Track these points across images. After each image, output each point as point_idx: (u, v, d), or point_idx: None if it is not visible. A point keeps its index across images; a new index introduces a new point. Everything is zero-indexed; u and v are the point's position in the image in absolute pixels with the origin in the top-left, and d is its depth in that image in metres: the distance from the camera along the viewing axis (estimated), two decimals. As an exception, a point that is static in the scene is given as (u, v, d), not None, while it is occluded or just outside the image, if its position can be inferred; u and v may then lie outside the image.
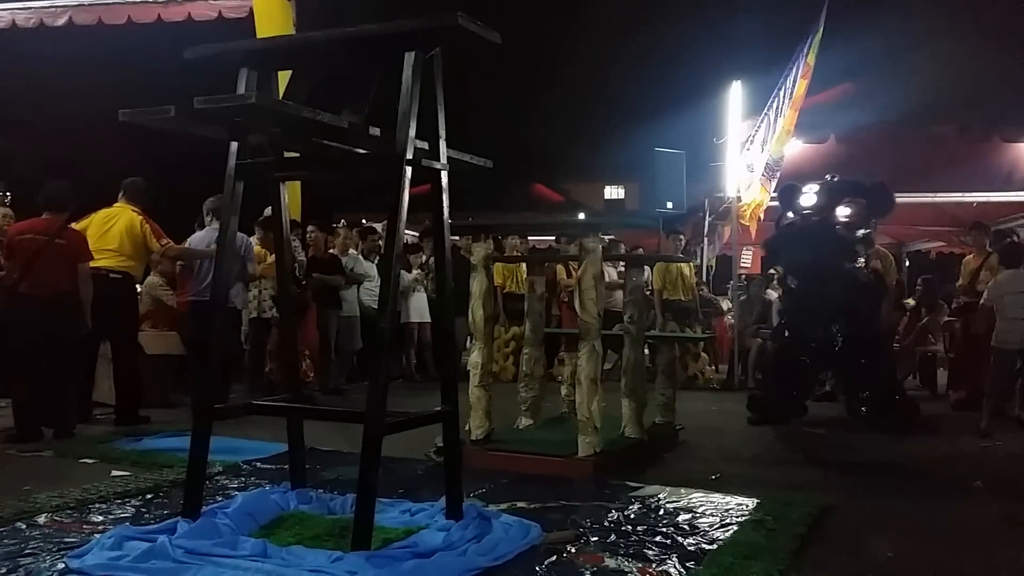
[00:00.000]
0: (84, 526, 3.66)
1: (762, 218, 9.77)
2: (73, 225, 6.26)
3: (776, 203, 8.85)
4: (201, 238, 7.09)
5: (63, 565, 3.10)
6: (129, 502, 4.11)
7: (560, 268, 10.21)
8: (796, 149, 10.11)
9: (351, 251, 9.61)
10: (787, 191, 7.33)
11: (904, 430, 6.57)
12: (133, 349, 6.89)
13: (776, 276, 9.14)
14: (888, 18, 11.79)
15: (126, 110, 3.20)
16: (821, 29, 8.59)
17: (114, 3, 9.83)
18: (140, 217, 6.77)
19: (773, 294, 10.33)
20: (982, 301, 6.99)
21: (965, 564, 3.37)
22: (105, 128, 5.80)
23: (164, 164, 10.20)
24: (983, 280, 8.02)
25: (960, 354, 8.59)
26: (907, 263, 12.40)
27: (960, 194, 10.24)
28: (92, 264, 6.19)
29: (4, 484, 4.44)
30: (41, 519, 3.74)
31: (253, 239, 7.90)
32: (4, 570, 3.05)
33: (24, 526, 3.63)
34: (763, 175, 8.68)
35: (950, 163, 9.60)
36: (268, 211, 7.50)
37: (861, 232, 6.85)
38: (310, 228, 9.19)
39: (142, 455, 5.32)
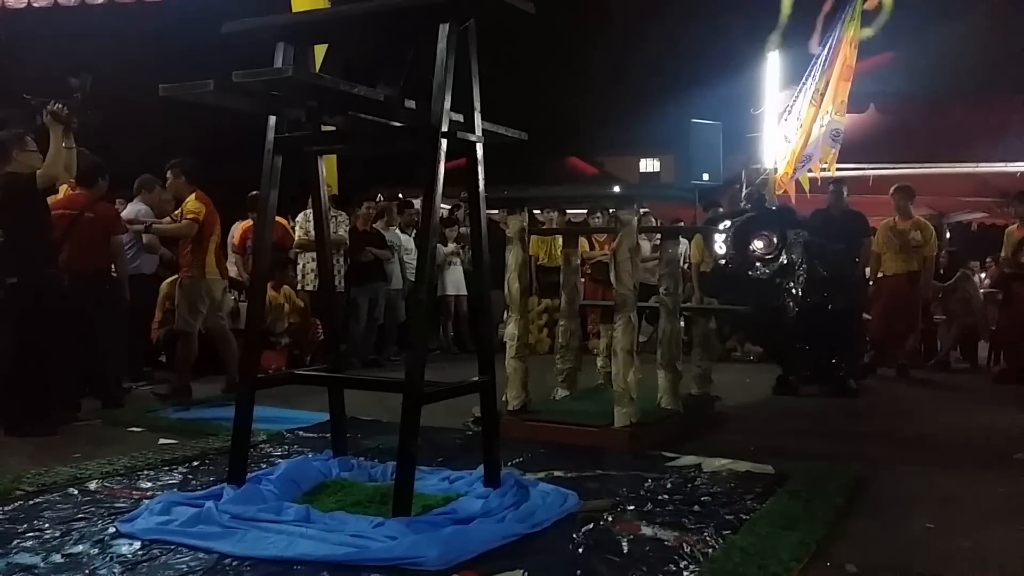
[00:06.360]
0: (133, 492, 3.77)
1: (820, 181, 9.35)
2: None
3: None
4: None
5: (114, 529, 3.20)
6: (176, 469, 4.22)
7: (583, 240, 10.17)
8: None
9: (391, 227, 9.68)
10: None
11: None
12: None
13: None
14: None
15: (166, 85, 3.25)
16: None
17: (153, -21, 9.95)
18: None
19: None
20: None
21: (1005, 538, 3.34)
22: (144, 105, 5.86)
23: (201, 141, 10.31)
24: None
25: (1002, 326, 8.46)
26: (948, 235, 12.14)
27: (1003, 164, 10.02)
28: None
29: (55, 452, 4.58)
30: (92, 485, 3.86)
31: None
32: (58, 533, 3.16)
33: (76, 492, 3.75)
34: (831, 140, 8.50)
35: (992, 132, 9.37)
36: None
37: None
38: (367, 204, 9.23)
39: (188, 424, 5.46)
